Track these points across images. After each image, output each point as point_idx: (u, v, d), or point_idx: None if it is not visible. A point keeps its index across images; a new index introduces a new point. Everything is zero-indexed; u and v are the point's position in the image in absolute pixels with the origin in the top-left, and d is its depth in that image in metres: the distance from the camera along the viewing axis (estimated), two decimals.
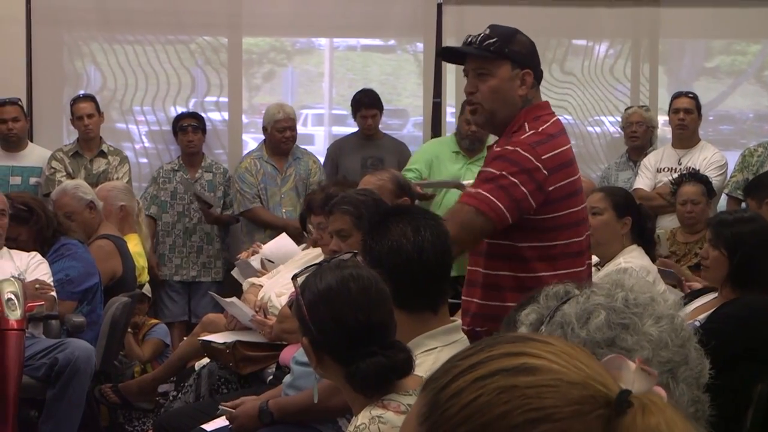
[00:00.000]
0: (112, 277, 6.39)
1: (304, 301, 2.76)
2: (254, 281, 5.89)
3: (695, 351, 1.74)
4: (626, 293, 1.73)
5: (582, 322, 1.70)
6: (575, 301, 1.73)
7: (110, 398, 6.33)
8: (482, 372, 1.13)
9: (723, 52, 9.03)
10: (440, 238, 3.08)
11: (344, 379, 2.70)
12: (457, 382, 1.14)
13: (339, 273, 2.76)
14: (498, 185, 3.46)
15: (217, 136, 8.41)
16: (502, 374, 1.12)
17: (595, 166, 8.29)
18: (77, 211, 6.51)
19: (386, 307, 2.74)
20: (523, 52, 3.63)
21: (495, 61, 3.61)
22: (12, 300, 5.32)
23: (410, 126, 8.95)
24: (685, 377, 1.70)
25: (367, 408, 2.64)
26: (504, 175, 3.46)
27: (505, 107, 3.63)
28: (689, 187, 6.81)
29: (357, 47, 9.21)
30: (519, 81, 3.61)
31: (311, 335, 2.74)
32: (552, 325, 1.71)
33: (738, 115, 9.02)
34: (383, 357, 2.65)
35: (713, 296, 4.50)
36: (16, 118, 7.64)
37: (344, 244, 4.01)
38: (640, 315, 1.71)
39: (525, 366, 1.12)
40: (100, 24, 8.24)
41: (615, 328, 1.70)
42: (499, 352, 1.15)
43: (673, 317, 1.73)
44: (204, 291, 7.70)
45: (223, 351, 5.27)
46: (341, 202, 4.21)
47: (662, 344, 1.69)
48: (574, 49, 8.53)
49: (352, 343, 2.68)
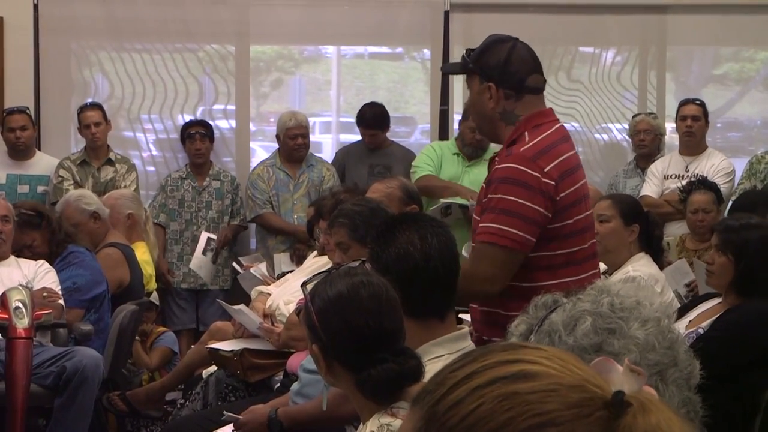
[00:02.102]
0: (120, 286, 6.39)
1: (314, 308, 2.74)
2: (262, 289, 5.90)
3: (684, 353, 1.74)
4: (612, 298, 1.75)
5: (569, 329, 1.71)
6: (562, 309, 1.74)
7: (118, 406, 6.33)
8: (480, 381, 1.13)
9: (731, 60, 9.02)
10: (447, 246, 3.07)
11: (354, 386, 2.68)
12: (454, 392, 1.14)
13: (349, 280, 2.75)
14: (511, 213, 3.41)
15: (225, 143, 8.42)
16: (502, 382, 1.12)
17: (603, 173, 8.28)
18: (81, 223, 6.49)
19: (397, 314, 2.74)
20: (490, 64, 3.56)
21: (470, 76, 3.62)
22: (20, 308, 5.33)
23: (417, 133, 8.95)
24: (674, 379, 1.71)
25: (376, 416, 2.64)
26: (514, 201, 3.40)
27: (483, 120, 3.63)
28: (700, 196, 6.78)
29: (364, 55, 9.22)
30: (487, 94, 3.55)
31: (321, 342, 2.72)
32: (540, 334, 1.73)
33: (746, 122, 9.01)
34: (394, 364, 2.63)
35: (717, 302, 4.50)
36: (24, 127, 7.64)
37: (345, 257, 4.00)
38: (626, 319, 1.72)
39: (523, 372, 1.13)
40: (108, 32, 8.26)
41: (601, 333, 1.71)
42: (493, 360, 1.15)
43: (660, 320, 1.74)
44: (212, 299, 7.71)
45: (231, 359, 5.27)
46: (338, 215, 4.22)
47: (649, 347, 1.70)
48: (581, 57, 8.53)
49: (362, 350, 2.66)
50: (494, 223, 3.41)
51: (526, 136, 3.50)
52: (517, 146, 3.48)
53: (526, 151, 3.45)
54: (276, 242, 7.74)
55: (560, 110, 8.25)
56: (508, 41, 3.62)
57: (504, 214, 3.40)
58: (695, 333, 4.23)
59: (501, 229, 3.39)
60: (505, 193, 3.41)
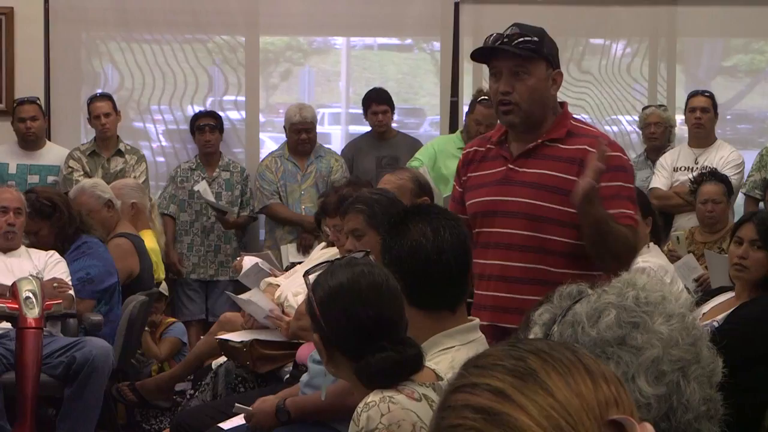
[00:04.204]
0: (130, 276, 6.40)
1: (316, 298, 2.79)
2: (271, 281, 5.90)
3: (707, 350, 1.74)
4: (637, 292, 1.74)
5: (592, 321, 1.70)
6: (587, 301, 1.74)
7: (127, 397, 6.34)
8: (473, 402, 1.18)
9: (741, 51, 9.00)
10: (459, 239, 3.07)
11: (354, 374, 2.71)
12: (458, 395, 1.20)
13: (350, 270, 2.78)
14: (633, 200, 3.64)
15: (235, 134, 8.42)
16: (485, 416, 1.16)
17: None
18: (95, 210, 6.53)
19: (397, 304, 2.76)
20: (553, 52, 3.65)
21: (534, 61, 3.60)
22: (30, 298, 5.35)
23: (427, 125, 8.95)
24: (696, 376, 1.70)
25: (380, 389, 2.66)
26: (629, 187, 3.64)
27: (540, 107, 3.64)
28: (710, 187, 6.77)
29: (374, 46, 9.21)
30: (551, 81, 3.62)
31: (322, 332, 2.77)
32: (563, 325, 1.72)
33: (756, 114, 8.99)
34: (393, 352, 2.67)
35: (730, 296, 4.48)
36: (35, 117, 7.65)
37: (359, 243, 4.00)
38: (650, 313, 1.71)
39: (504, 420, 1.15)
40: (118, 23, 8.26)
41: (625, 327, 1.70)
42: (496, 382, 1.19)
43: (684, 316, 1.73)
44: (221, 290, 7.72)
45: (240, 350, 5.27)
46: (354, 201, 4.21)
47: (673, 342, 1.69)
48: (592, 48, 8.51)
49: (362, 339, 2.70)
50: (628, 209, 3.59)
51: (585, 126, 3.73)
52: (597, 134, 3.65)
53: (614, 140, 3.78)
54: (284, 232, 7.75)
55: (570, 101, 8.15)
56: (544, 30, 3.70)
57: (630, 201, 3.62)
58: (710, 326, 4.22)
59: (635, 216, 3.63)
60: (624, 181, 3.61)
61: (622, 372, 1.66)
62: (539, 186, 3.59)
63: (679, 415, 1.67)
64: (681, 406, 1.67)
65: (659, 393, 1.66)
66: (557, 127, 3.62)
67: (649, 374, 1.67)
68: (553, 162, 3.59)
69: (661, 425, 1.65)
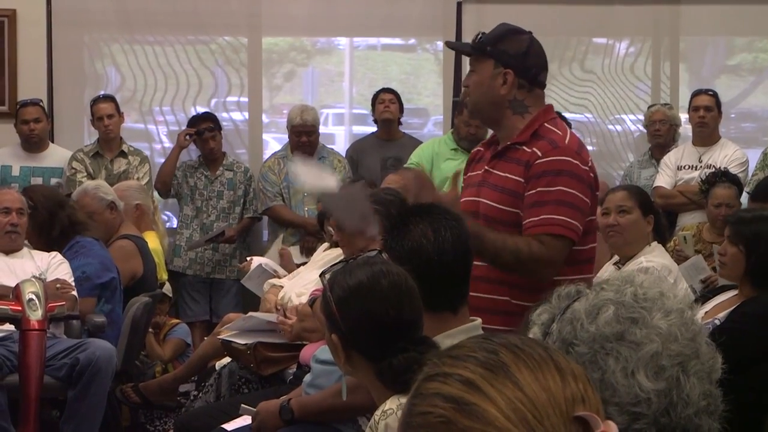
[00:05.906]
0: (133, 277, 6.40)
1: (334, 298, 2.73)
2: (275, 282, 5.90)
3: (706, 345, 1.74)
4: (635, 289, 1.75)
5: (591, 318, 1.71)
6: (585, 299, 1.75)
7: (131, 398, 6.34)
8: (444, 390, 1.21)
9: (745, 50, 8.99)
10: (461, 239, 3.06)
11: (374, 375, 2.68)
12: (430, 383, 1.24)
13: (369, 269, 2.75)
14: (572, 205, 3.51)
15: (239, 135, 8.42)
16: (453, 406, 1.19)
17: (616, 165, 8.27)
18: (98, 212, 6.53)
19: (416, 303, 2.74)
20: (510, 52, 3.64)
21: (479, 58, 3.68)
22: (33, 300, 5.34)
23: (430, 125, 8.95)
24: (696, 371, 1.70)
25: (396, 396, 2.63)
26: (572, 193, 3.51)
27: (488, 104, 3.67)
28: (723, 190, 6.71)
29: (377, 47, 9.21)
30: (501, 80, 3.63)
31: (340, 332, 2.72)
32: (562, 322, 1.73)
33: (760, 112, 8.98)
34: (415, 352, 2.63)
35: (733, 293, 4.48)
36: (38, 119, 7.66)
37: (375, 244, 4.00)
38: (649, 309, 1.72)
39: (473, 410, 1.18)
40: (121, 25, 8.27)
41: (624, 322, 1.71)
42: (468, 372, 1.22)
43: (683, 311, 1.74)
44: (225, 291, 7.71)
45: (244, 352, 5.27)
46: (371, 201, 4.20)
47: (672, 337, 1.70)
48: (595, 48, 8.51)
49: (382, 339, 2.66)
50: (557, 214, 3.49)
51: (556, 130, 3.60)
52: (555, 139, 3.56)
53: (571, 144, 3.58)
54: (287, 235, 7.74)
55: (573, 101, 8.25)
56: (525, 33, 3.73)
57: (565, 206, 3.50)
58: (711, 324, 4.22)
59: (565, 221, 3.49)
60: (565, 186, 3.51)
61: (622, 367, 1.67)
62: (501, 189, 3.63)
63: (679, 410, 1.67)
64: (681, 401, 1.68)
65: (659, 388, 1.67)
66: (526, 129, 3.64)
67: (648, 369, 1.67)
68: (514, 165, 3.62)
69: (661, 420, 1.66)
